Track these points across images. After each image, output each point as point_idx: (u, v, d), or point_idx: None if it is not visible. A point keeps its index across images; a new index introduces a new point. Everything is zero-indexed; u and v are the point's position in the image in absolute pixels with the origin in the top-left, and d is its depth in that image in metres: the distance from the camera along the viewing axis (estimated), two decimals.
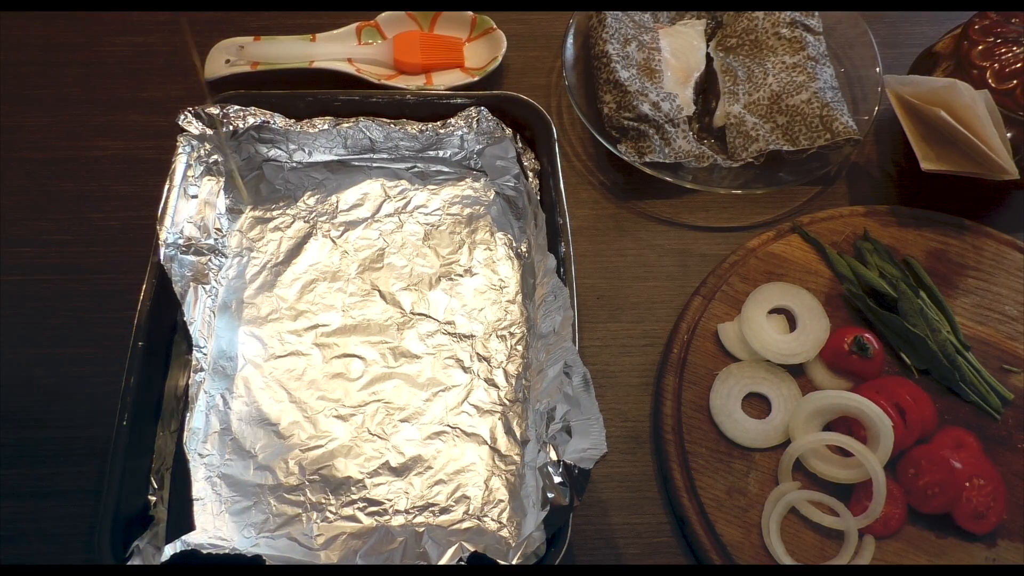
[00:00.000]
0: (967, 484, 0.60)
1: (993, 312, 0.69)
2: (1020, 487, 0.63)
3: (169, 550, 0.55)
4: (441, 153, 0.73)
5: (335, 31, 0.82)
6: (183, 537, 0.57)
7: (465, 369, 0.65)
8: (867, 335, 0.65)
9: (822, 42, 0.80)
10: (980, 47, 0.69)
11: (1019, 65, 0.67)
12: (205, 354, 0.64)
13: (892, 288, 0.68)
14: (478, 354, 0.66)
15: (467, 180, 0.74)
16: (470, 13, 0.84)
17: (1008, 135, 0.67)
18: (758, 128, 0.77)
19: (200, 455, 0.61)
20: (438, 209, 0.73)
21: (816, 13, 0.81)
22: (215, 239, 0.69)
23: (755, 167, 0.76)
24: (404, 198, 0.73)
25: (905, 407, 0.63)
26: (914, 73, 0.75)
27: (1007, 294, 0.70)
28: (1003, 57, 0.68)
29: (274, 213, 0.72)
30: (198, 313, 0.65)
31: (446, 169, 0.74)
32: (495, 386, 0.65)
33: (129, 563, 0.54)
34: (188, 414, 0.61)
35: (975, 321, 0.69)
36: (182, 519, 0.57)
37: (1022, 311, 0.69)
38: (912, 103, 0.70)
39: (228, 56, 0.80)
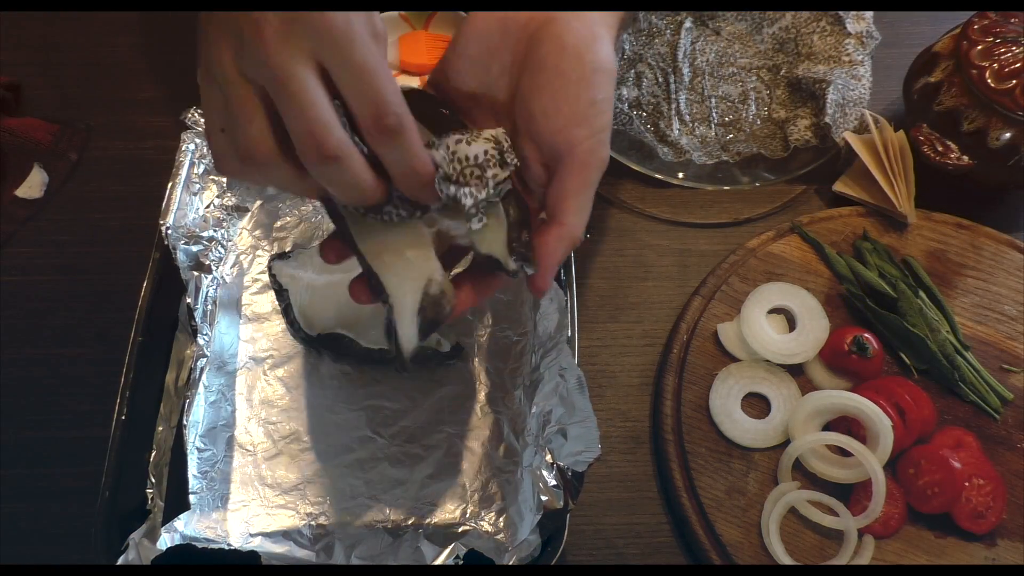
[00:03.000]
0: (967, 484, 0.60)
1: (992, 312, 0.69)
2: (1020, 487, 0.63)
3: (163, 545, 0.55)
4: None
5: None
6: (179, 530, 0.56)
7: (466, 373, 0.65)
8: (867, 335, 0.65)
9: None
10: (979, 47, 0.68)
11: (1018, 65, 0.67)
12: (208, 340, 0.64)
13: (892, 288, 0.68)
14: (477, 358, 0.66)
15: None
16: (463, 13, 0.83)
17: (1007, 135, 0.67)
18: (753, 125, 0.77)
19: (198, 449, 0.61)
20: None
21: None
22: (218, 236, 0.69)
23: (755, 164, 0.76)
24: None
25: (905, 407, 0.63)
26: (913, 72, 0.75)
27: (1006, 294, 0.70)
28: (1002, 57, 0.68)
29: (280, 214, 0.72)
30: (199, 303, 0.65)
31: None
32: (495, 389, 0.64)
33: (123, 557, 0.53)
34: (187, 408, 0.60)
35: (975, 321, 0.69)
36: (178, 514, 0.57)
37: (1022, 311, 0.69)
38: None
39: None
